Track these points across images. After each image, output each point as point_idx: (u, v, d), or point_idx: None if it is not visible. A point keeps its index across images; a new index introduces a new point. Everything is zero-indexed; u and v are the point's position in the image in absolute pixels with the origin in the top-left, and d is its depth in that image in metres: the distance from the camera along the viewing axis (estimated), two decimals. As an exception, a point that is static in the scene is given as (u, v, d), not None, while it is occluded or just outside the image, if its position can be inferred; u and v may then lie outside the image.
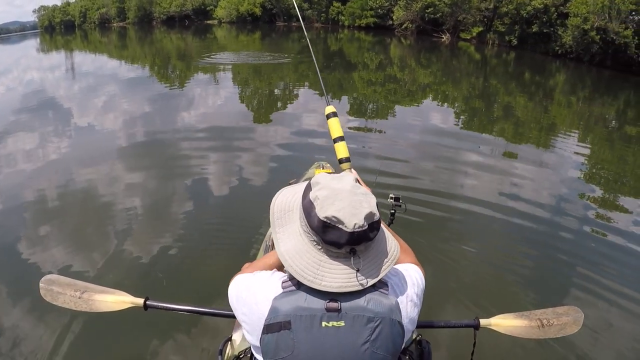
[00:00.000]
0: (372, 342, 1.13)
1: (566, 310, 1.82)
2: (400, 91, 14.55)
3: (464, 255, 4.27)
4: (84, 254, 4.22)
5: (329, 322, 1.12)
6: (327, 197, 1.11)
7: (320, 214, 1.09)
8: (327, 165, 3.49)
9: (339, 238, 1.09)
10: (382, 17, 38.82)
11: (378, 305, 1.14)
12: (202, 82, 15.37)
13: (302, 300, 1.14)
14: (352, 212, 1.09)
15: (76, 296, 1.75)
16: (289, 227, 1.22)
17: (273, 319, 1.14)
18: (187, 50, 28.39)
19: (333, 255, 1.13)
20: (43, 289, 1.77)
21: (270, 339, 1.14)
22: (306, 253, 1.15)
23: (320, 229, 1.11)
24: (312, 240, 1.15)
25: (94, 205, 5.32)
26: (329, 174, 1.22)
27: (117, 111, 10.52)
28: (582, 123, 11.82)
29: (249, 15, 45.36)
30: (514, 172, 6.84)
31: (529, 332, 1.75)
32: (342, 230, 1.08)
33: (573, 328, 1.76)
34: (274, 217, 1.24)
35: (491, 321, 1.77)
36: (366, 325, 1.12)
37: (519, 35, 28.30)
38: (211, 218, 4.97)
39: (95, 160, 6.87)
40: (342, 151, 2.23)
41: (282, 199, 1.27)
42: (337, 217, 1.08)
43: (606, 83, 19.71)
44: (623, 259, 4.40)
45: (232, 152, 7.27)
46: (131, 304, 1.78)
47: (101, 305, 1.77)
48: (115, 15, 62.94)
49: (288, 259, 1.16)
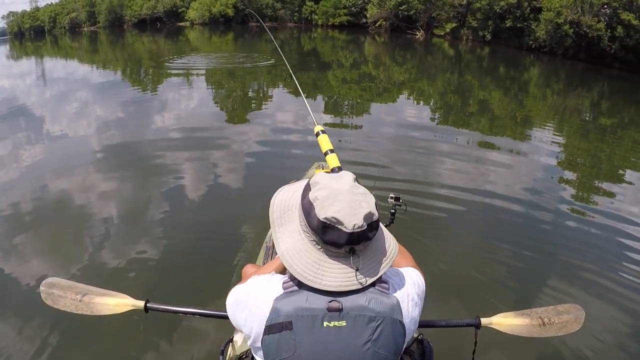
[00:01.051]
0: (373, 342, 1.13)
1: (567, 308, 1.79)
2: (376, 89, 14.43)
3: (463, 254, 4.24)
4: (81, 258, 4.14)
5: (330, 322, 1.12)
6: (326, 198, 1.11)
7: (319, 214, 1.09)
8: (327, 165, 3.48)
9: (339, 238, 1.09)
10: (355, 15, 38.80)
11: (379, 305, 1.15)
12: (175, 85, 14.95)
13: (303, 300, 1.14)
14: (352, 212, 1.09)
15: (77, 299, 1.75)
16: (288, 226, 1.22)
17: (274, 319, 1.14)
18: (159, 53, 27.84)
19: (332, 254, 1.14)
20: (44, 293, 1.75)
21: (271, 340, 1.14)
22: (306, 252, 1.15)
23: (319, 229, 1.11)
24: (312, 239, 1.15)
25: (90, 209, 5.19)
26: (328, 174, 1.21)
27: (91, 117, 10.16)
28: (558, 116, 11.88)
29: (222, 17, 44.84)
30: (507, 168, 6.83)
31: (530, 330, 1.74)
32: (342, 230, 1.08)
33: (574, 326, 1.74)
34: (273, 216, 1.24)
35: (492, 320, 1.76)
36: (368, 324, 1.13)
37: (492, 30, 28.58)
38: (210, 220, 4.91)
39: (82, 165, 6.66)
40: (333, 162, 2.35)
41: (281, 198, 1.27)
42: (337, 217, 1.08)
43: (580, 76, 19.99)
44: (623, 256, 4.33)
45: (227, 152, 7.24)
46: (132, 307, 1.77)
47: (102, 308, 1.76)
48: (86, 20, 61.60)
49: (288, 258, 1.16)
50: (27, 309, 3.35)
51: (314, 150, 2.26)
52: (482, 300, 3.55)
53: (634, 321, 3.43)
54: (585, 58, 23.06)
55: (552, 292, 3.73)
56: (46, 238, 4.55)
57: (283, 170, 6.01)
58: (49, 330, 3.12)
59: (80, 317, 1.77)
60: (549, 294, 3.71)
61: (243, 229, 4.51)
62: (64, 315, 1.83)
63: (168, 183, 5.85)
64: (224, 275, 3.59)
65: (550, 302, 3.42)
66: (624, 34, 21.26)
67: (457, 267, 4.03)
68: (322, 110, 10.65)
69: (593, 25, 22.10)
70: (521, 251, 4.36)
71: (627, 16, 21.20)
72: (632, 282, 3.86)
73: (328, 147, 2.42)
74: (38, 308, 3.08)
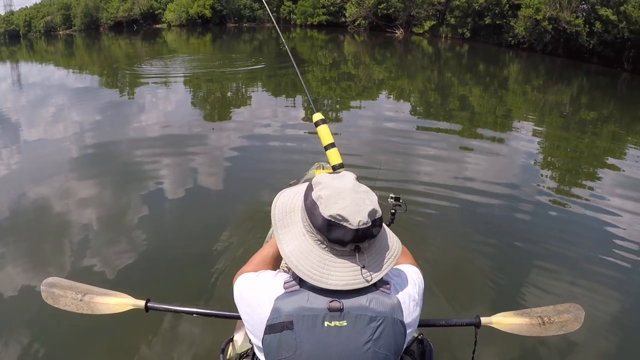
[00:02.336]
0: (374, 342, 1.13)
1: (567, 307, 1.79)
2: (356, 88, 14.25)
3: (462, 254, 4.23)
4: (79, 258, 4.13)
5: (331, 321, 1.11)
6: (330, 196, 1.12)
7: (324, 212, 1.10)
8: (327, 166, 3.49)
9: (344, 236, 1.10)
10: (334, 14, 38.53)
11: (380, 305, 1.15)
12: (153, 87, 14.52)
13: (304, 300, 1.14)
14: (356, 209, 1.10)
15: (77, 299, 1.76)
16: (291, 228, 1.22)
17: (275, 319, 1.14)
18: (136, 55, 27.34)
19: (338, 253, 1.14)
20: (44, 292, 1.76)
21: (272, 339, 1.14)
22: (311, 253, 1.15)
23: (324, 228, 1.11)
24: (317, 239, 1.15)
25: (89, 208, 5.15)
26: (330, 174, 1.22)
27: (68, 121, 9.82)
28: (538, 111, 11.92)
29: (199, 18, 44.23)
30: (503, 166, 6.86)
31: (530, 329, 1.74)
32: (347, 227, 1.09)
33: (574, 325, 1.74)
34: (275, 219, 1.24)
35: (492, 319, 1.76)
36: (368, 324, 1.12)
37: (471, 27, 28.78)
38: (211, 218, 4.85)
39: (61, 169, 6.50)
40: (334, 158, 2.28)
41: (283, 201, 1.27)
42: (342, 215, 1.08)
43: (559, 71, 20.14)
44: (623, 256, 4.31)
45: (227, 152, 7.17)
46: (133, 306, 1.77)
47: (103, 308, 1.76)
48: (61, 23, 60.29)
49: (294, 260, 1.15)
50: (27, 309, 3.35)
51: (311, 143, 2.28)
52: (482, 300, 3.56)
53: (634, 320, 3.42)
54: (564, 53, 23.42)
55: (552, 291, 3.71)
56: (41, 241, 4.48)
57: (283, 165, 6.10)
58: (49, 330, 3.13)
59: (80, 316, 1.77)
60: (549, 292, 3.68)
61: (244, 227, 4.46)
62: (65, 314, 1.82)
63: (166, 183, 5.82)
64: (224, 275, 3.60)
65: (550, 301, 3.42)
66: (602, 29, 21.65)
67: (456, 266, 4.02)
68: (302, 109, 10.55)
69: (572, 21, 22.45)
70: (520, 250, 4.36)
71: (604, 12, 21.59)
72: (632, 282, 3.88)
73: (329, 140, 2.34)
74: (38, 307, 3.11)
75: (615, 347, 3.16)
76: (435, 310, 3.30)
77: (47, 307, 1.77)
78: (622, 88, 18.13)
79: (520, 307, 1.82)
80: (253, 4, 42.01)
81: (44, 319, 3.20)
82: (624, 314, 3.48)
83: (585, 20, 22.44)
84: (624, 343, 3.19)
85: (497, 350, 2.93)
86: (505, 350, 2.96)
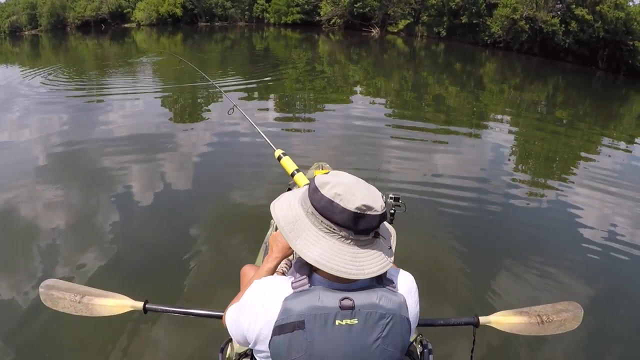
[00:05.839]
0: (383, 339, 1.14)
1: (565, 306, 1.78)
2: (330, 87, 13.83)
3: (462, 253, 4.18)
4: (78, 259, 4.01)
5: (342, 320, 1.12)
6: (347, 191, 1.13)
7: (349, 206, 1.11)
8: (326, 166, 3.55)
9: (370, 223, 1.12)
10: (308, 13, 38.13)
11: (389, 302, 1.16)
12: (120, 89, 13.73)
13: (316, 299, 1.13)
14: (373, 197, 1.13)
15: (76, 300, 1.74)
16: (305, 235, 1.18)
17: (285, 319, 1.12)
18: (104, 57, 26.53)
19: (361, 244, 1.15)
20: (43, 294, 1.75)
21: (282, 340, 1.13)
22: (340, 252, 1.14)
23: (351, 221, 1.11)
24: (340, 237, 1.14)
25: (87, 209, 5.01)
26: (326, 175, 1.21)
27: (34, 126, 9.14)
28: (514, 110, 11.98)
29: (170, 17, 43.28)
30: (498, 164, 6.98)
31: (528, 328, 1.72)
32: (372, 215, 1.11)
33: (573, 324, 1.73)
34: (285, 231, 1.20)
35: (490, 319, 1.75)
36: (378, 322, 1.14)
37: (447, 26, 28.93)
38: (209, 220, 4.76)
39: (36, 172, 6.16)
40: (303, 180, 2.39)
41: (283, 213, 1.23)
42: (366, 204, 1.11)
43: (535, 70, 20.34)
44: (622, 255, 4.36)
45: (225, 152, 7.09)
46: (131, 308, 1.76)
47: (101, 310, 1.76)
48: (27, 23, 58.33)
49: (326, 262, 1.13)
50: (26, 311, 3.31)
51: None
52: (481, 299, 3.54)
53: (633, 319, 3.45)
54: (540, 52, 23.82)
55: (551, 289, 3.71)
56: (38, 242, 4.36)
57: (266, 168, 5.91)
58: (48, 332, 3.09)
59: (79, 317, 1.73)
60: (548, 291, 3.68)
61: (241, 229, 4.42)
62: (64, 316, 1.78)
63: (167, 182, 5.75)
64: (223, 276, 3.54)
65: (549, 299, 3.30)
66: (577, 29, 21.99)
67: (456, 266, 3.99)
68: (275, 109, 10.18)
69: (548, 20, 22.75)
70: (519, 249, 4.36)
71: (580, 11, 21.95)
72: (631, 281, 3.93)
73: (294, 167, 2.50)
74: (37, 310, 3.20)
75: (614, 346, 3.18)
76: (434, 310, 3.30)
77: (46, 309, 1.76)
78: (596, 86, 18.40)
79: (518, 306, 1.83)
80: (225, 3, 41.26)
81: (43, 320, 3.14)
82: (623, 312, 3.52)
83: (561, 20, 22.83)
84: (623, 341, 3.22)
85: (495, 349, 2.93)
86: (504, 350, 2.98)
